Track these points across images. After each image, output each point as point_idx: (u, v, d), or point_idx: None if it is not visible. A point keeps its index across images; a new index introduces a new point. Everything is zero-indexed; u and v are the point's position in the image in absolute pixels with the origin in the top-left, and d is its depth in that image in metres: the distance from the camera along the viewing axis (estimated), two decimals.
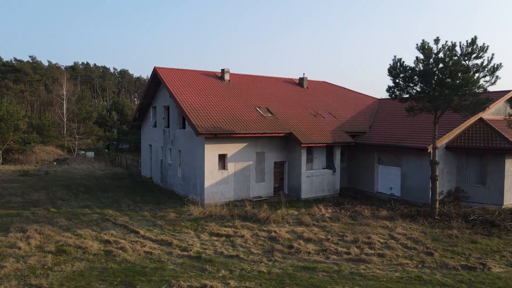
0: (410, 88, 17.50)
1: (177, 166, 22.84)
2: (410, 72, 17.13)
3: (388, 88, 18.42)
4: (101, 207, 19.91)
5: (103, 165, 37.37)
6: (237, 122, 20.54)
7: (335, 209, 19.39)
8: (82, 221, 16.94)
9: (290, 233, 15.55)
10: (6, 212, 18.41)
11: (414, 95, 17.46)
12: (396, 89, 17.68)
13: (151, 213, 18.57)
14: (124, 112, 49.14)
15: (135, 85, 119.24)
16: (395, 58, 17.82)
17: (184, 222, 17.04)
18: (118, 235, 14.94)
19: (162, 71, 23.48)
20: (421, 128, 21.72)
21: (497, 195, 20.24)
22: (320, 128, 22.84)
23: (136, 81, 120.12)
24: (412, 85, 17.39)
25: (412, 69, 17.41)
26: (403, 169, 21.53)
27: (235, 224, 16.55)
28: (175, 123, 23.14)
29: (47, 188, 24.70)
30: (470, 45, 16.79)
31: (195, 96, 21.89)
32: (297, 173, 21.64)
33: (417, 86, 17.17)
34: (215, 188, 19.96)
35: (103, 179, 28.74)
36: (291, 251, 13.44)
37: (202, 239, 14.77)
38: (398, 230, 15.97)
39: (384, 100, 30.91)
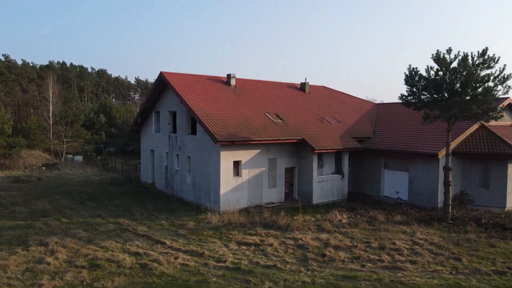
0: (425, 96, 18.00)
1: (186, 172, 22.59)
2: (425, 81, 17.64)
3: (403, 96, 18.94)
4: (113, 216, 19.46)
5: (96, 170, 36.42)
6: (251, 129, 20.55)
7: (349, 214, 19.72)
8: (101, 232, 16.51)
9: (316, 240, 15.72)
10: (16, 224, 17.72)
11: (429, 103, 17.95)
12: (412, 98, 18.16)
13: (169, 222, 18.31)
14: (112, 114, 48.04)
15: (114, 85, 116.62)
16: (410, 67, 18.35)
17: (206, 231, 16.90)
18: (145, 247, 14.67)
19: (169, 76, 23.17)
20: (427, 134, 22.39)
21: (500, 198, 21.14)
22: (329, 133, 23.17)
23: (114, 81, 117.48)
24: (427, 94, 17.90)
25: (426, 78, 17.95)
26: (410, 173, 22.13)
27: (258, 232, 16.57)
28: (183, 129, 22.88)
29: (48, 196, 23.88)
30: (481, 55, 17.49)
31: (206, 102, 21.73)
32: (308, 179, 21.87)
33: (433, 94, 17.66)
34: (230, 195, 19.91)
35: (103, 186, 28.03)
36: (324, 259, 13.60)
37: (232, 249, 14.71)
38: (418, 235, 16.44)
39: (381, 105, 31.64)
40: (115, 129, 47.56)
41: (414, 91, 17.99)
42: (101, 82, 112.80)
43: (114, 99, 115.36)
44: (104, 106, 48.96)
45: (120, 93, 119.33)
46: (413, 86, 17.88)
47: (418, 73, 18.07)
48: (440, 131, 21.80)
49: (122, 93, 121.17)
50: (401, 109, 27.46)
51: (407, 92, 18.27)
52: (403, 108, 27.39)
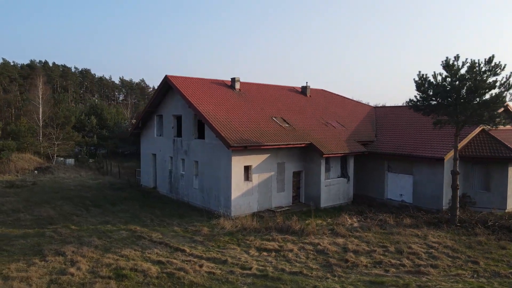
0: (434, 102, 18.42)
1: (193, 177, 22.44)
2: (435, 88, 18.06)
3: (411, 101, 19.33)
4: (122, 222, 19.17)
5: (91, 174, 35.75)
6: (261, 134, 20.59)
7: (359, 218, 20.01)
8: (115, 240, 16.24)
9: (334, 245, 15.88)
10: (24, 232, 17.24)
11: (439, 109, 18.37)
12: (422, 103, 18.56)
13: (182, 228, 18.16)
14: (103, 116, 47.18)
15: (98, 85, 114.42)
16: (419, 73, 18.76)
17: (222, 236, 16.84)
18: (165, 255, 14.52)
19: (175, 80, 22.96)
20: (431, 137, 22.89)
21: (501, 200, 21.82)
22: (334, 137, 23.42)
23: (98, 81, 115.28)
24: (436, 100, 18.31)
25: (435, 85, 18.38)
26: (415, 177, 22.59)
27: (274, 238, 16.62)
28: (189, 133, 22.72)
29: (49, 202, 23.33)
30: (488, 63, 18.04)
31: (213, 106, 21.65)
32: (316, 183, 22.06)
33: (443, 100, 18.08)
34: (240, 199, 19.90)
35: (103, 190, 27.55)
36: (348, 264, 13.76)
37: (253, 255, 14.71)
38: (431, 239, 16.80)
39: (379, 109, 32.15)
40: (106, 131, 46.73)
41: (425, 97, 18.36)
42: (85, 82, 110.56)
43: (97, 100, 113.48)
44: (95, 108, 48.03)
45: (104, 93, 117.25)
46: (424, 92, 18.26)
47: (428, 80, 18.48)
48: (443, 135, 22.34)
49: (106, 94, 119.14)
50: (401, 113, 28.07)
51: (419, 98, 18.64)
52: (403, 111, 28.06)
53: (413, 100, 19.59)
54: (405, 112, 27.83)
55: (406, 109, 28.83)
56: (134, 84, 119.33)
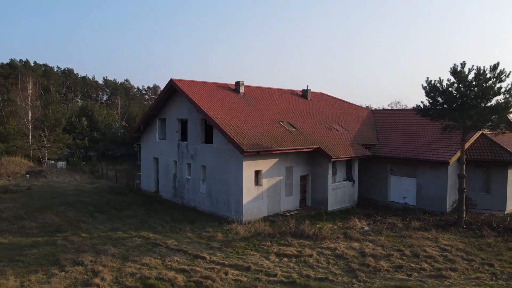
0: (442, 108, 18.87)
1: (200, 181, 22.31)
2: (443, 94, 18.51)
3: (419, 107, 19.77)
4: (133, 229, 18.90)
5: (86, 178, 35.04)
6: (271, 138, 20.65)
7: (368, 221, 20.31)
8: (131, 247, 16.00)
9: (350, 249, 16.08)
10: (33, 241, 16.79)
11: (447, 114, 18.83)
12: (431, 109, 19.00)
13: (195, 234, 18.03)
14: (94, 118, 46.31)
15: (81, 85, 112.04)
16: (427, 79, 19.19)
17: (238, 242, 16.81)
18: (186, 262, 14.40)
19: (181, 84, 22.78)
20: (434, 141, 23.41)
21: (501, 202, 22.53)
22: (339, 141, 23.68)
23: (81, 81, 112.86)
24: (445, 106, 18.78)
25: (443, 91, 18.84)
26: (418, 180, 23.07)
27: (291, 243, 16.70)
28: (195, 138, 22.57)
29: (50, 208, 22.80)
30: (493, 70, 18.61)
31: (221, 111, 21.57)
32: (323, 186, 22.27)
33: (451, 106, 18.55)
34: (251, 204, 19.91)
35: (103, 195, 27.06)
36: (370, 269, 13.95)
37: (274, 261, 14.75)
38: (442, 242, 17.19)
39: (377, 112, 32.68)
40: (97, 133, 45.90)
41: (434, 103, 18.79)
42: (68, 82, 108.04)
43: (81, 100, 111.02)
44: (85, 109, 47.07)
45: (87, 93, 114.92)
46: (433, 98, 18.69)
47: (436, 86, 18.92)
48: (446, 138, 22.88)
49: (89, 94, 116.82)
50: (400, 116, 28.63)
51: (428, 103, 19.06)
52: (401, 115, 28.63)
53: (420, 106, 20.05)
54: (404, 115, 28.41)
55: (404, 112, 29.50)
56: (118, 84, 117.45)
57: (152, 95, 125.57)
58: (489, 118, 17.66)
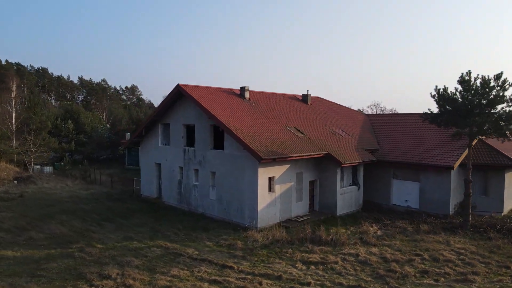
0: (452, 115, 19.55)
1: (209, 188, 22.13)
2: (454, 103, 19.19)
3: (426, 114, 20.40)
4: (146, 238, 18.52)
5: (78, 183, 34.00)
6: (282, 144, 20.74)
7: (378, 225, 20.74)
8: (153, 258, 15.69)
9: (371, 255, 16.39)
10: (47, 254, 16.17)
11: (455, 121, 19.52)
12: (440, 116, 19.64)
13: (213, 243, 17.86)
14: (81, 121, 44.97)
15: (56, 85, 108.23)
16: (436, 87, 19.84)
17: (259, 250, 16.79)
18: (215, 273, 14.27)
19: (190, 90, 22.50)
20: (436, 146, 24.17)
21: (498, 204, 23.56)
22: (345, 146, 24.07)
23: (56, 80, 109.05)
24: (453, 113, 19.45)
25: (450, 99, 19.53)
26: (421, 183, 23.76)
27: (312, 249, 16.84)
28: (204, 144, 22.37)
29: (52, 217, 22.02)
30: (497, 79, 19.44)
31: (232, 117, 21.48)
32: (332, 191, 22.57)
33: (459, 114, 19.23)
34: (265, 211, 19.95)
35: (102, 202, 26.35)
36: (397, 275, 14.26)
37: (302, 269, 14.84)
38: (455, 245, 17.77)
39: (372, 116, 33.37)
40: (84, 137, 44.61)
41: (443, 111, 19.43)
42: (42, 81, 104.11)
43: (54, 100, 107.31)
44: (70, 112, 45.61)
45: (62, 93, 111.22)
46: (443, 107, 19.32)
47: (444, 95, 19.57)
48: (447, 143, 23.69)
49: (65, 94, 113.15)
50: (398, 121, 29.39)
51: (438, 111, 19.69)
52: (399, 120, 29.38)
53: (427, 113, 20.70)
54: (401, 120, 29.20)
55: (401, 117, 30.28)
56: (95, 84, 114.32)
57: (130, 95, 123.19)
58: (498, 126, 18.40)
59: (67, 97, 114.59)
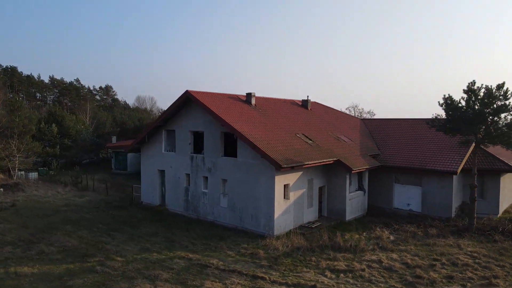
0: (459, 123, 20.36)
1: (220, 195, 21.98)
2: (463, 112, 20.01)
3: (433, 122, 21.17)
4: (164, 248, 18.17)
5: (70, 190, 32.78)
6: (296, 152, 20.89)
7: (388, 230, 21.28)
8: (180, 271, 15.42)
9: (392, 260, 16.79)
10: (66, 269, 15.58)
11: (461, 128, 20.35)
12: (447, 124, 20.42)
13: (234, 252, 17.74)
14: (65, 124, 43.40)
15: (26, 84, 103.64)
16: (444, 96, 20.63)
17: (283, 258, 16.84)
18: (249, 284, 14.22)
19: (200, 96, 22.24)
20: (437, 151, 25.00)
21: (494, 206, 24.71)
22: (351, 152, 24.52)
23: (26, 80, 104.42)
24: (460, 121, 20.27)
25: (458, 108, 20.35)
26: (424, 187, 24.56)
27: (335, 257, 17.06)
28: (214, 151, 22.18)
29: (56, 228, 21.23)
30: (498, 88, 20.43)
31: (244, 124, 21.43)
32: (341, 197, 22.94)
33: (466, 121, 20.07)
34: (281, 218, 20.04)
35: (104, 210, 25.58)
36: (425, 281, 14.71)
37: (332, 278, 15.01)
38: (466, 248, 18.49)
39: (367, 121, 34.13)
40: (68, 140, 43.07)
41: (451, 119, 20.21)
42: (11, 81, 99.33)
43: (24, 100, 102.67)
44: (54, 115, 43.89)
45: (32, 94, 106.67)
46: (452, 115, 20.10)
47: (452, 103, 20.37)
48: (448, 148, 24.66)
49: (34, 94, 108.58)
50: (395, 126, 30.25)
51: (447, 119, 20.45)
52: (396, 124, 30.25)
53: (434, 120, 21.47)
54: (397, 125, 30.08)
55: (397, 121, 31.16)
56: (67, 84, 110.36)
57: (104, 95, 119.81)
58: (506, 133, 19.31)
59: (37, 97, 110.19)
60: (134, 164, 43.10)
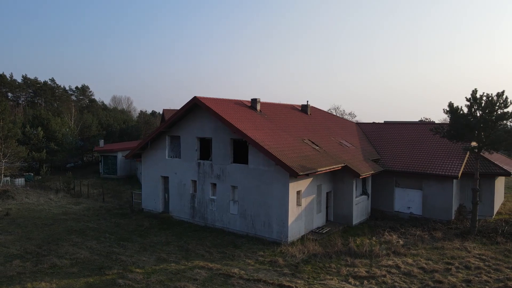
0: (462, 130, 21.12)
1: (230, 202, 21.89)
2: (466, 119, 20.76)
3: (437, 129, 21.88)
4: (181, 258, 17.94)
5: (62, 197, 31.76)
6: (307, 158, 21.06)
7: (395, 234, 21.81)
8: (205, 281, 15.25)
9: (409, 265, 17.21)
10: (85, 282, 15.15)
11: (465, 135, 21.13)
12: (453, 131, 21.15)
13: (253, 260, 17.71)
14: (51, 127, 41.94)
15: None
16: (450, 103, 21.34)
17: (303, 266, 16.98)
18: None
19: (209, 103, 22.06)
20: (437, 155, 25.82)
21: (489, 208, 25.78)
22: (355, 158, 24.96)
23: None
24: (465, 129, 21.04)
25: (463, 116, 21.12)
26: (424, 191, 25.31)
27: (352, 262, 17.34)
28: (223, 158, 22.06)
29: (61, 239, 20.61)
30: (499, 96, 21.34)
31: (254, 130, 21.42)
32: (347, 202, 23.32)
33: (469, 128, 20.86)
34: (294, 224, 20.18)
35: (106, 218, 24.97)
36: (445, 286, 15.19)
37: (356, 285, 15.24)
38: (474, 251, 19.25)
39: (362, 125, 34.78)
40: (54, 144, 41.66)
41: (456, 127, 20.95)
42: None
43: None
44: (39, 118, 42.30)
45: (4, 94, 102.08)
46: (457, 123, 20.83)
47: (457, 111, 21.11)
48: (447, 153, 25.52)
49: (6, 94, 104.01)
50: (391, 130, 31.01)
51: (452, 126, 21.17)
52: (392, 129, 31.01)
53: (439, 128, 22.20)
54: (394, 129, 30.85)
55: (393, 125, 31.96)
56: (42, 84, 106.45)
57: (80, 96, 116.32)
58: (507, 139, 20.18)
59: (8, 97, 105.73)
60: (124, 168, 42.22)
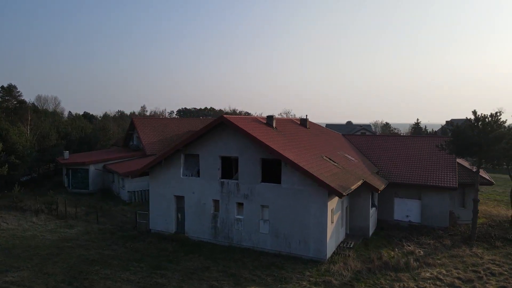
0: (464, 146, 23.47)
1: (260, 221, 21.82)
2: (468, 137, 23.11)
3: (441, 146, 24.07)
4: (232, 285, 17.51)
5: (45, 219, 28.72)
6: (335, 176, 21.70)
7: (412, 243, 23.46)
8: None
9: (447, 276, 18.72)
10: None
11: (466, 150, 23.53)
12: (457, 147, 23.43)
13: (305, 281, 17.88)
14: (10, 139, 37.63)
15: None
16: (451, 121, 23.51)
17: (358, 283, 17.65)
18: None
19: (237, 122, 21.73)
20: (434, 167, 28.15)
21: None
22: (363, 171, 26.27)
23: None
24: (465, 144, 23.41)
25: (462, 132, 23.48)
26: (423, 201, 27.48)
27: (398, 277, 18.40)
28: (251, 177, 21.85)
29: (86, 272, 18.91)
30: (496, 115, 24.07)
31: (286, 151, 21.58)
32: (364, 214, 24.52)
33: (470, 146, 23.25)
34: (330, 242, 20.77)
35: (118, 243, 23.19)
36: None
37: None
38: (486, 257, 21.51)
39: (348, 137, 36.52)
40: (15, 158, 37.45)
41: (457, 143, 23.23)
42: None
43: None
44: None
45: None
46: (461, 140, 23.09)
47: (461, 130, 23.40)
48: (443, 165, 28.02)
49: None
50: (384, 142, 33.09)
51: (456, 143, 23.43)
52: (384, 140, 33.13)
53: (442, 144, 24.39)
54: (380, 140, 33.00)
55: (378, 138, 34.07)
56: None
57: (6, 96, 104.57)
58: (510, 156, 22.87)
59: None
60: (97, 182, 39.37)
